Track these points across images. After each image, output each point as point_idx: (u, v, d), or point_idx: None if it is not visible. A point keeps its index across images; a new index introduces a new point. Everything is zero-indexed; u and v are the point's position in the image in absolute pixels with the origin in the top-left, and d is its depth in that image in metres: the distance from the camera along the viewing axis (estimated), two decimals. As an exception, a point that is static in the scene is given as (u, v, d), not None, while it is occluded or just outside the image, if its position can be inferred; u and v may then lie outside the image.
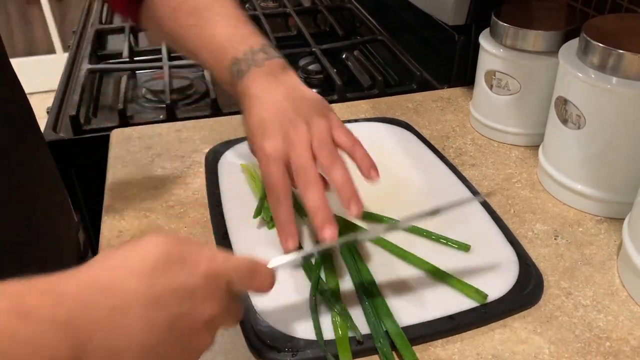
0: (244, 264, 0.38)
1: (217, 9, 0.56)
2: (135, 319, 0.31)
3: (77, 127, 0.81)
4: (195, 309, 0.34)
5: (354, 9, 1.21)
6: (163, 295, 0.32)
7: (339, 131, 0.53)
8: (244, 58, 0.53)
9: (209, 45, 0.54)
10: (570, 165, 0.62)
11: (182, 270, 0.34)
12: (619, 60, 0.54)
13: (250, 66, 0.52)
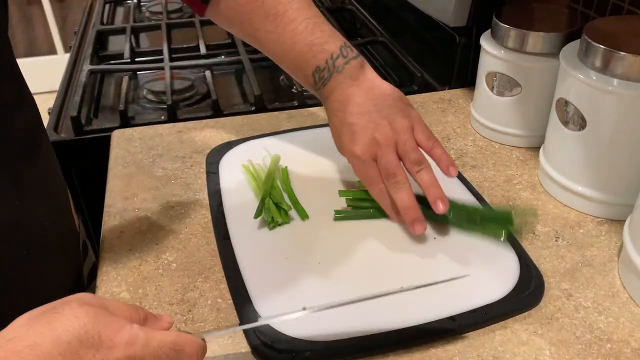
0: (166, 346, 0.35)
1: (293, 13, 0.55)
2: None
3: (78, 127, 0.81)
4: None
5: (355, 10, 1.21)
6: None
7: (419, 130, 0.56)
8: (326, 66, 0.55)
9: (289, 53, 0.56)
10: (571, 166, 0.62)
11: (95, 356, 0.32)
12: (619, 62, 0.54)
13: (332, 73, 0.55)
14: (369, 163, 0.54)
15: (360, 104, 0.55)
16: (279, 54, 0.57)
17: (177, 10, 1.26)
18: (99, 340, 0.32)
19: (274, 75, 1.01)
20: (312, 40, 0.55)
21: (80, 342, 0.31)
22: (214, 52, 1.05)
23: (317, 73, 0.55)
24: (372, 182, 0.55)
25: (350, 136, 0.54)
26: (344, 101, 0.55)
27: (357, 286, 0.51)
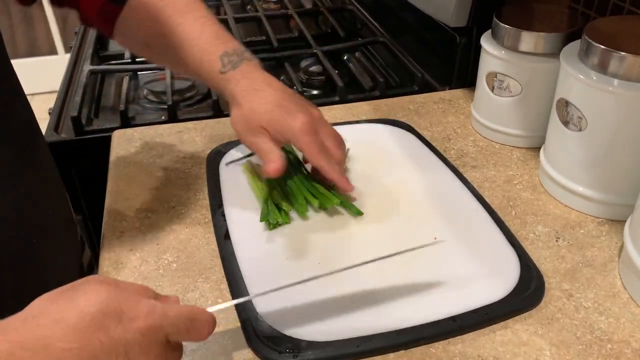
0: (182, 317, 0.38)
1: (199, 12, 0.60)
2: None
3: (78, 128, 0.81)
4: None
5: (356, 10, 1.21)
6: (97, 353, 0.33)
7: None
8: (235, 51, 0.59)
9: (197, 39, 0.59)
10: (571, 167, 0.62)
11: (118, 326, 0.34)
12: (620, 62, 0.54)
13: (242, 59, 0.59)
14: (313, 134, 0.57)
15: (283, 88, 0.59)
16: (185, 41, 0.59)
17: (177, 11, 1.26)
18: (121, 312, 0.34)
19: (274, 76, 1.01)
20: (218, 33, 0.60)
21: (103, 314, 0.33)
22: (214, 52, 1.05)
23: (225, 57, 0.58)
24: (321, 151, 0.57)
25: (286, 110, 0.57)
26: (268, 82, 0.59)
27: (357, 286, 0.51)
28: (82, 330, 0.33)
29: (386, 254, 0.49)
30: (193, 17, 0.60)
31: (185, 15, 0.60)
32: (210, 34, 0.60)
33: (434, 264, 0.54)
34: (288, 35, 1.14)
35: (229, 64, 0.58)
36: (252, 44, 1.08)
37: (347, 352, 0.45)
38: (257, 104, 0.58)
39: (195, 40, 0.59)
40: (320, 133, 0.58)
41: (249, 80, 0.58)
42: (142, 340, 0.35)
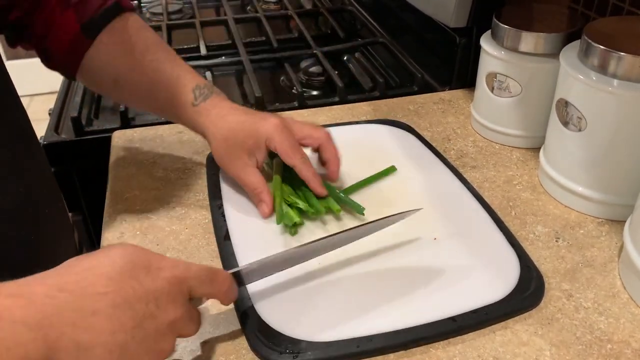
0: (203, 271, 0.41)
1: (169, 52, 0.63)
2: (102, 318, 0.34)
3: (78, 128, 0.81)
4: (159, 311, 0.37)
5: (355, 11, 1.21)
6: (130, 298, 0.35)
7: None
8: (205, 85, 0.62)
9: (169, 75, 0.61)
10: (571, 167, 0.62)
11: (147, 275, 0.37)
12: (620, 63, 0.54)
13: (212, 92, 0.62)
14: (287, 132, 0.59)
15: (248, 109, 0.62)
16: (157, 76, 0.61)
17: (177, 12, 1.26)
18: (149, 264, 0.37)
19: (274, 76, 1.01)
20: (189, 69, 0.63)
21: (133, 264, 0.36)
22: (214, 53, 1.05)
23: (197, 90, 0.61)
24: (294, 147, 0.59)
25: (261, 119, 0.60)
26: (234, 107, 0.62)
27: (357, 286, 0.51)
28: (114, 277, 0.35)
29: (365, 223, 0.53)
30: (164, 55, 0.62)
31: (157, 52, 0.62)
32: (181, 68, 0.62)
33: (433, 264, 0.54)
34: (288, 36, 1.14)
35: (200, 96, 0.61)
36: (251, 44, 1.08)
37: (347, 352, 0.45)
38: (227, 127, 0.60)
39: (167, 73, 0.61)
40: (294, 129, 0.60)
41: (218, 109, 0.61)
42: (169, 289, 0.38)
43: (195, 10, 1.22)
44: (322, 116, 0.81)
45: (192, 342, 0.47)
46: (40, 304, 0.32)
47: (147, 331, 0.36)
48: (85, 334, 0.33)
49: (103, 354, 0.34)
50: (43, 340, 0.31)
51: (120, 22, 0.61)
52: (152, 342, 0.37)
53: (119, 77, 0.62)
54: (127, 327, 0.35)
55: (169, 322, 0.38)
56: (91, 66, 0.61)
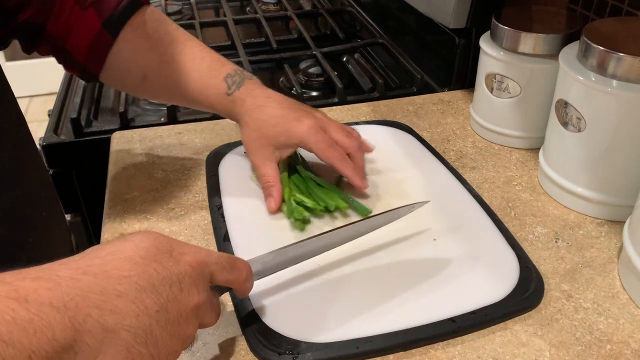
0: (224, 257, 0.42)
1: (195, 41, 0.63)
2: (127, 301, 0.34)
3: (78, 129, 0.81)
4: (183, 294, 0.37)
5: (355, 12, 1.21)
6: (154, 281, 0.35)
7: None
8: (237, 72, 0.62)
9: (199, 66, 0.61)
10: (570, 168, 0.62)
11: (170, 259, 0.37)
12: (619, 63, 0.54)
13: (244, 78, 0.61)
14: (322, 132, 0.60)
15: (286, 100, 0.62)
16: (188, 68, 0.61)
17: (176, 12, 1.26)
18: (171, 248, 0.38)
19: (273, 77, 1.01)
20: (218, 57, 0.63)
21: (156, 248, 0.37)
22: (213, 54, 1.05)
23: (229, 78, 0.61)
24: (331, 146, 0.60)
25: (296, 118, 0.60)
26: (272, 96, 0.62)
27: (356, 287, 0.51)
28: (138, 261, 0.35)
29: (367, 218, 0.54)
30: (191, 45, 0.62)
31: (184, 43, 0.62)
32: (211, 58, 0.62)
33: (433, 264, 0.54)
34: (287, 37, 1.14)
35: (233, 84, 0.61)
36: (251, 45, 1.08)
37: (347, 353, 0.45)
38: (262, 119, 0.60)
39: (198, 65, 0.61)
40: (328, 130, 0.61)
41: (252, 98, 0.61)
42: (192, 273, 0.38)
43: (195, 11, 1.22)
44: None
45: (192, 343, 0.47)
46: (66, 287, 0.32)
47: (171, 315, 0.36)
48: (110, 316, 0.33)
49: (127, 337, 0.34)
50: (70, 322, 0.31)
51: (140, 16, 0.60)
52: (176, 326, 0.37)
53: (147, 72, 0.61)
54: (151, 311, 0.35)
55: (192, 306, 0.38)
56: (116, 64, 0.61)
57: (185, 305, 0.37)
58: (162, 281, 0.36)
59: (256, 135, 0.61)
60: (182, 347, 0.38)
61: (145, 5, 0.61)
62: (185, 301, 0.37)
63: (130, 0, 0.59)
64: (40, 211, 0.56)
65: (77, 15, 0.57)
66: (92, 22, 0.58)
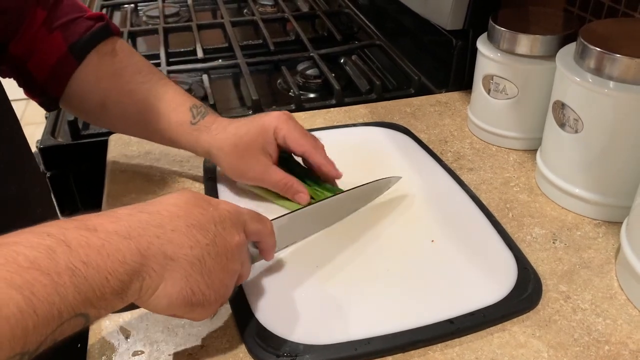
0: (252, 211, 0.47)
1: (161, 75, 0.63)
2: (181, 235, 0.39)
3: (75, 132, 0.81)
4: (226, 232, 0.42)
5: (352, 14, 1.21)
6: (201, 220, 0.40)
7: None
8: (202, 105, 0.62)
9: (164, 96, 0.61)
10: (568, 169, 0.62)
11: (210, 206, 0.42)
12: (615, 64, 0.54)
13: (207, 111, 0.61)
14: (293, 120, 0.60)
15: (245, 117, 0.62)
16: (151, 98, 0.60)
17: (174, 15, 1.26)
18: (208, 199, 0.43)
19: (271, 79, 1.01)
20: (183, 91, 0.63)
21: (195, 198, 0.42)
22: (211, 56, 1.05)
23: (194, 108, 0.61)
24: (305, 135, 0.60)
25: (262, 115, 0.60)
26: (232, 119, 0.61)
27: (355, 289, 0.51)
28: (182, 206, 0.40)
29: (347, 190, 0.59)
30: (156, 78, 0.62)
31: (148, 75, 0.61)
32: (175, 91, 0.62)
33: (431, 266, 0.54)
34: (285, 39, 1.14)
35: (198, 114, 0.61)
36: (248, 47, 1.08)
37: (345, 355, 0.45)
38: (232, 136, 0.59)
39: (162, 95, 0.61)
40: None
41: (217, 124, 0.60)
42: (230, 216, 0.43)
43: (192, 13, 1.22)
44: (319, 119, 0.81)
45: (190, 345, 0.47)
46: (127, 220, 0.37)
47: (219, 248, 0.41)
48: (169, 245, 0.37)
49: (185, 265, 0.38)
50: (136, 248, 0.35)
51: (108, 45, 0.60)
52: (225, 259, 0.41)
53: (107, 101, 0.60)
54: (202, 244, 0.39)
55: (235, 243, 0.42)
56: (77, 90, 0.60)
57: (230, 242, 0.42)
58: (207, 220, 0.41)
59: (236, 152, 0.59)
60: (230, 281, 0.43)
61: (115, 36, 0.61)
62: (229, 238, 0.42)
63: (99, 28, 0.59)
64: (35, 208, 0.56)
65: (43, 37, 0.57)
66: (58, 45, 0.57)
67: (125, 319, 0.49)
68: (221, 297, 0.42)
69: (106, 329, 0.49)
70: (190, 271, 0.38)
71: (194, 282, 0.39)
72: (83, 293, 0.32)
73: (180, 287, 0.38)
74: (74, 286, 0.31)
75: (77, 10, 0.59)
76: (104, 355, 0.46)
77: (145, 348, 0.47)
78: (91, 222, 0.35)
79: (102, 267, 0.33)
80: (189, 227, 0.39)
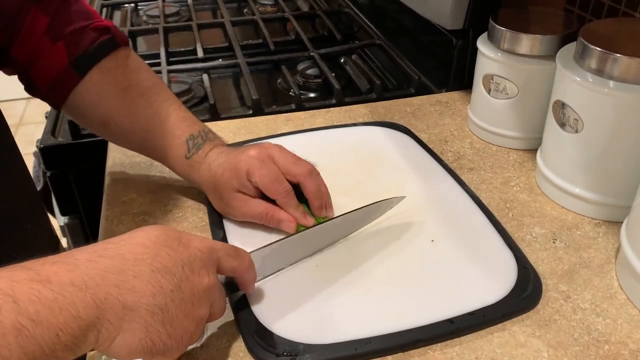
0: (228, 246, 0.45)
1: (165, 95, 0.61)
2: (143, 281, 0.36)
3: (75, 131, 0.81)
4: (194, 275, 0.39)
5: (352, 13, 1.21)
6: (166, 263, 0.38)
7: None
8: (199, 134, 0.60)
9: (164, 123, 0.59)
10: (568, 168, 0.62)
11: (180, 245, 0.40)
12: (616, 64, 0.54)
13: (205, 140, 0.60)
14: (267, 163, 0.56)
15: (235, 148, 0.60)
16: (152, 125, 0.59)
17: (174, 14, 1.26)
18: (179, 236, 0.41)
19: (271, 79, 1.01)
20: (185, 115, 0.61)
21: (165, 235, 0.40)
22: (211, 55, 1.05)
23: (191, 140, 0.59)
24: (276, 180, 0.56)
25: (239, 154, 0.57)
26: (222, 151, 0.59)
27: (354, 289, 0.51)
28: (150, 246, 0.38)
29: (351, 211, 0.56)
30: (160, 100, 0.60)
31: (151, 98, 0.59)
32: (176, 117, 0.60)
33: (430, 266, 0.54)
34: (285, 38, 1.14)
35: (194, 147, 0.59)
36: (248, 47, 1.08)
37: (345, 355, 0.45)
38: (212, 176, 0.58)
39: (162, 122, 0.59)
40: (275, 159, 0.56)
41: (207, 159, 0.59)
42: (201, 256, 0.41)
43: (192, 13, 1.22)
44: (319, 118, 0.81)
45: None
46: (85, 268, 0.34)
47: (184, 294, 0.38)
48: (129, 295, 0.35)
49: (145, 315, 0.36)
50: (92, 300, 0.33)
51: (114, 60, 0.58)
52: (190, 305, 0.39)
53: (108, 120, 0.59)
54: (166, 290, 0.37)
55: (203, 286, 0.40)
56: (78, 104, 0.58)
57: (197, 286, 0.39)
58: (174, 263, 0.38)
59: (216, 193, 0.58)
60: (195, 329, 0.40)
61: (121, 47, 0.59)
62: (197, 282, 0.39)
63: (104, 41, 0.57)
64: (25, 224, 0.55)
65: (46, 47, 0.55)
66: (60, 57, 0.56)
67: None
68: (184, 345, 0.40)
69: (106, 328, 0.49)
70: (151, 321, 0.36)
71: (155, 333, 0.37)
72: (30, 353, 0.30)
73: (140, 337, 0.36)
74: (19, 347, 0.30)
75: (84, 17, 0.58)
76: (104, 354, 0.46)
77: (145, 347, 0.47)
78: (45, 271, 0.33)
79: (53, 324, 0.31)
80: (154, 271, 0.37)
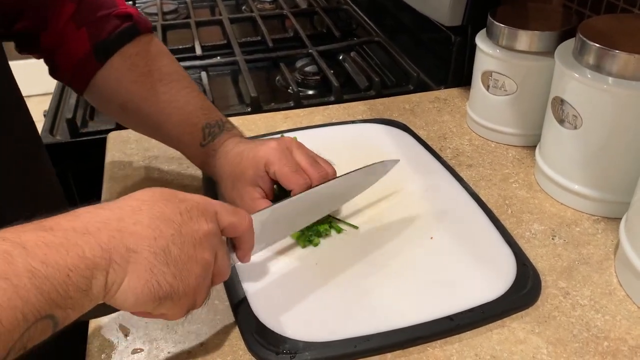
0: (227, 204, 0.45)
1: (185, 82, 0.61)
2: (143, 227, 0.37)
3: (73, 130, 0.81)
4: (193, 222, 0.40)
5: (351, 10, 1.21)
6: (165, 211, 0.39)
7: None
8: (216, 123, 0.60)
9: (181, 110, 0.59)
10: (567, 165, 0.62)
11: (176, 198, 0.41)
12: (614, 60, 0.54)
13: (222, 130, 0.60)
14: (287, 155, 0.56)
15: (251, 140, 0.60)
16: (169, 111, 0.59)
17: (172, 12, 1.26)
18: (175, 193, 0.41)
19: (270, 76, 1.01)
20: (203, 104, 0.61)
21: (161, 192, 0.41)
22: (209, 53, 1.05)
23: (207, 128, 0.59)
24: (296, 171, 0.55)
25: (259, 144, 0.57)
26: (240, 141, 0.59)
27: (354, 286, 0.51)
28: (146, 200, 0.39)
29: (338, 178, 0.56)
30: (179, 87, 0.60)
31: (172, 84, 0.59)
32: (195, 105, 0.60)
33: (430, 263, 0.54)
34: (283, 36, 1.14)
35: (209, 135, 0.59)
36: (247, 44, 1.08)
37: (345, 352, 0.45)
38: (229, 164, 0.57)
39: (180, 110, 0.59)
40: (294, 153, 0.56)
41: (224, 147, 0.58)
42: (198, 205, 0.41)
43: (190, 10, 1.22)
44: (318, 115, 0.81)
45: (189, 343, 0.47)
46: (85, 217, 0.36)
47: (185, 237, 0.39)
48: (131, 238, 0.36)
49: (149, 256, 0.37)
50: (95, 242, 0.35)
51: (135, 46, 0.58)
52: (192, 248, 0.39)
53: (127, 105, 0.60)
54: (166, 234, 0.38)
55: (203, 232, 0.41)
56: (100, 88, 0.59)
57: (198, 231, 0.40)
58: (172, 212, 0.39)
59: (231, 181, 0.57)
60: (201, 271, 0.40)
61: (143, 34, 0.59)
62: (197, 227, 0.40)
63: (126, 28, 0.58)
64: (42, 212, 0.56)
65: (70, 32, 0.56)
66: (83, 43, 0.56)
67: (125, 317, 0.49)
68: (191, 290, 0.40)
69: (105, 327, 0.49)
70: (155, 262, 0.37)
71: (160, 274, 0.37)
72: (46, 293, 0.31)
73: (146, 279, 0.37)
74: (35, 287, 0.31)
75: (109, 4, 0.58)
76: (104, 353, 0.46)
77: (145, 346, 0.47)
78: (48, 222, 0.34)
79: (62, 265, 0.32)
80: (152, 219, 0.38)
